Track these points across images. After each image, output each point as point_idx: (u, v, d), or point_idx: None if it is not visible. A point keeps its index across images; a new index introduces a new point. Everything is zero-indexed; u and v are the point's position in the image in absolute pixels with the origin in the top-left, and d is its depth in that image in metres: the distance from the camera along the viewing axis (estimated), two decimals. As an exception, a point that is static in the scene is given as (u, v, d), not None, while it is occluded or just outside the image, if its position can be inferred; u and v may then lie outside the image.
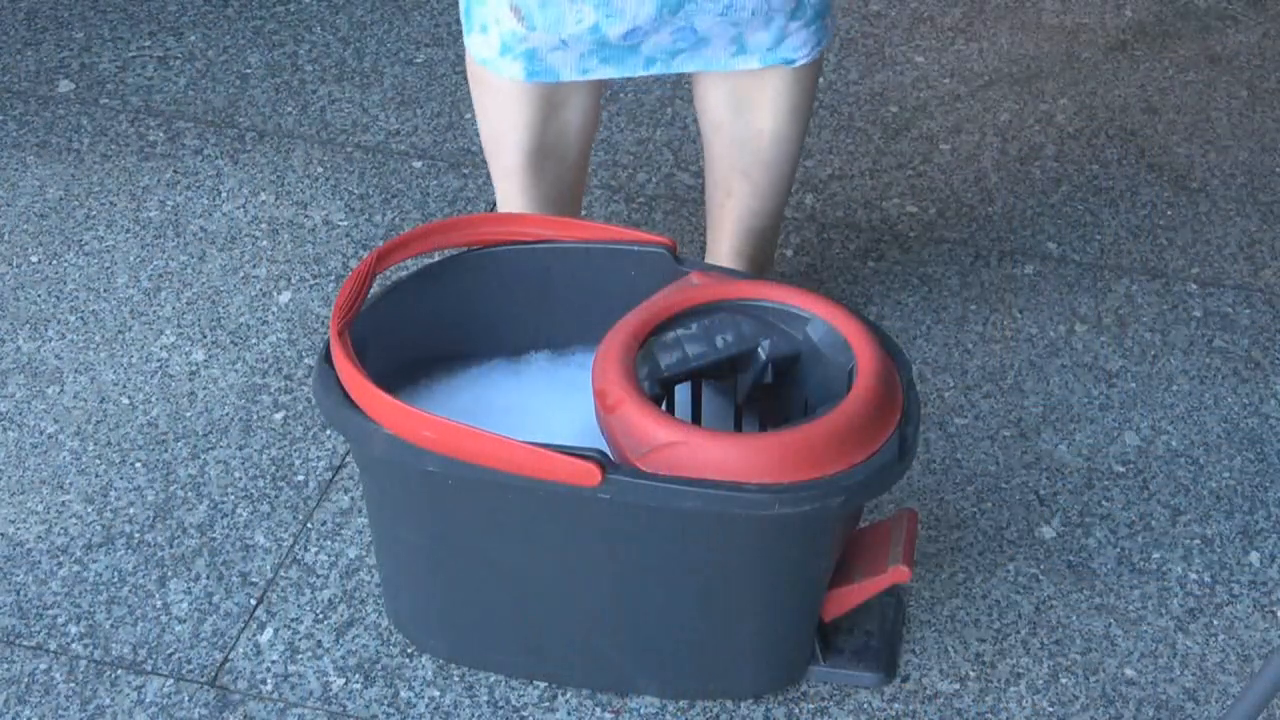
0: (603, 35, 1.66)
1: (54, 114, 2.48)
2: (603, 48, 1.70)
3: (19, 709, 1.61)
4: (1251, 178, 2.36)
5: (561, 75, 1.72)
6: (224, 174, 2.35)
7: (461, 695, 1.62)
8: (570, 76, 1.72)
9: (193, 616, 1.70)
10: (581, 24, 1.64)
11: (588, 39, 1.67)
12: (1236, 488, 1.86)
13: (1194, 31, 2.71)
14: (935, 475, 1.87)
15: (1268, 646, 1.68)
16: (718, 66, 1.74)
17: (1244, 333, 2.08)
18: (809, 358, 1.51)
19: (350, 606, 1.71)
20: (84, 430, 1.93)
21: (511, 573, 1.53)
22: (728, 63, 1.73)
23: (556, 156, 1.84)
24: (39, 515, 1.82)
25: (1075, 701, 1.63)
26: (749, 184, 1.88)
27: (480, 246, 1.62)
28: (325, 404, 1.47)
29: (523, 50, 1.68)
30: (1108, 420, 1.95)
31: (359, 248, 2.20)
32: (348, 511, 1.82)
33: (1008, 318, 2.10)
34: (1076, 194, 2.33)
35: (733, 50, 1.72)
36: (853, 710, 1.61)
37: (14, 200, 2.30)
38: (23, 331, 2.07)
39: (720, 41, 1.71)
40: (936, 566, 1.76)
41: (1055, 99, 2.53)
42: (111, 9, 2.75)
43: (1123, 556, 1.78)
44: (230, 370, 2.01)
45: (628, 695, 1.62)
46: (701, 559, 1.47)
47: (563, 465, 1.38)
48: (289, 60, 2.61)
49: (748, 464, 1.38)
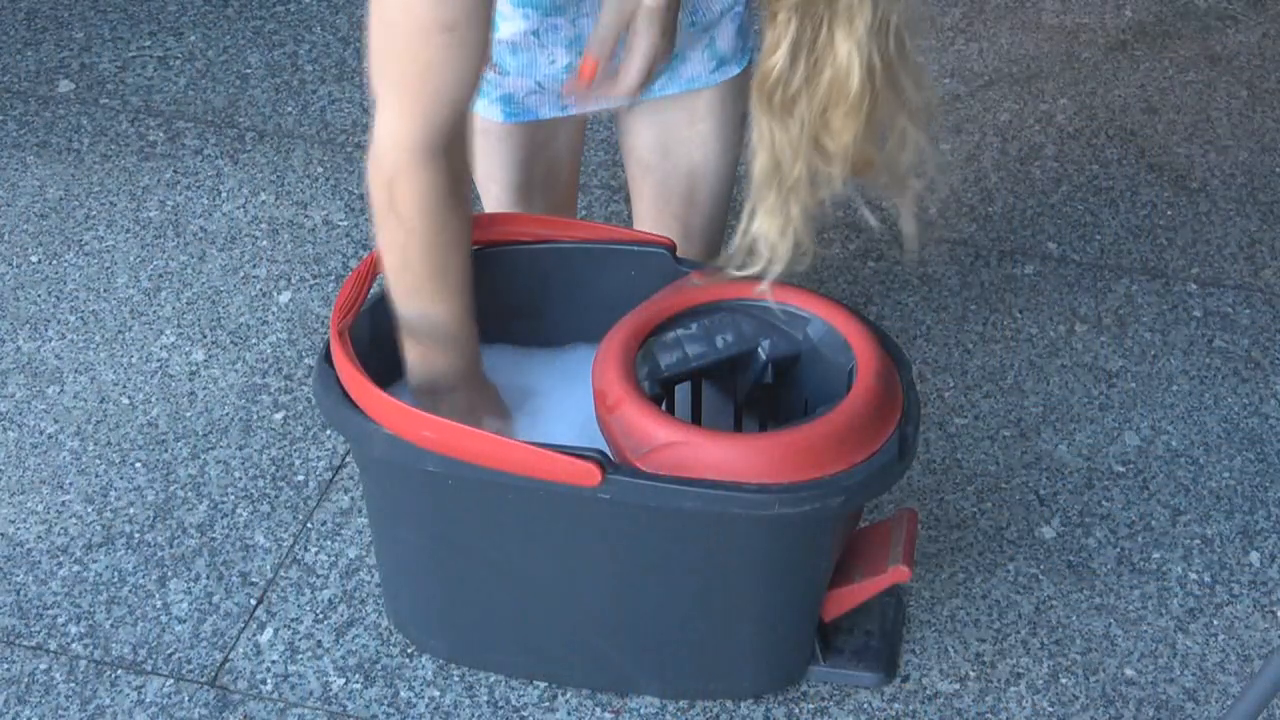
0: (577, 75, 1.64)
1: (54, 114, 2.48)
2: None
3: (19, 709, 1.61)
4: (1251, 178, 2.36)
5: (540, 114, 1.69)
6: (224, 174, 2.35)
7: (461, 695, 1.62)
8: (550, 114, 1.69)
9: (193, 616, 1.70)
10: (555, 64, 1.61)
11: (563, 79, 1.63)
12: (1236, 488, 1.86)
13: (1194, 31, 2.71)
14: (935, 475, 1.87)
15: (1268, 646, 1.68)
16: (701, 84, 1.70)
17: (1244, 333, 2.08)
18: (809, 358, 1.51)
19: (350, 606, 1.71)
20: (84, 430, 1.93)
21: (511, 573, 1.53)
22: (709, 78, 1.69)
23: (545, 186, 1.81)
24: (39, 515, 1.82)
25: (1075, 701, 1.63)
26: (680, 225, 1.79)
27: (480, 246, 1.62)
28: (325, 404, 1.47)
29: (499, 95, 1.65)
30: (1108, 420, 1.95)
31: (359, 248, 2.20)
32: (348, 511, 1.82)
33: (1008, 318, 2.10)
34: (1076, 194, 2.33)
35: (712, 66, 1.69)
36: (853, 710, 1.61)
37: (14, 200, 2.30)
38: (23, 331, 2.07)
39: (697, 56, 1.67)
40: (936, 566, 1.76)
41: (1055, 99, 2.53)
42: (111, 9, 2.75)
43: (1123, 556, 1.78)
44: (230, 370, 2.01)
45: (628, 695, 1.62)
46: (701, 559, 1.47)
47: (563, 465, 1.38)
48: (289, 60, 2.61)
49: (748, 464, 1.38)
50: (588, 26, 1.59)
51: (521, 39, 1.59)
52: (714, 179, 1.77)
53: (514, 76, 1.63)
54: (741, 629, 1.54)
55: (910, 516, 1.55)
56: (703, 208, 1.79)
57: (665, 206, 1.78)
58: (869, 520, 1.68)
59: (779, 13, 1.12)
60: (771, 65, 1.15)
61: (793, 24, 1.12)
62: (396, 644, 1.67)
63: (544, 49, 1.61)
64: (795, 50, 1.14)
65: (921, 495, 1.84)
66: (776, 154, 1.21)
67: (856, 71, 1.14)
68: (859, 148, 1.19)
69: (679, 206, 1.79)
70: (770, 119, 1.19)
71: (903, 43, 1.15)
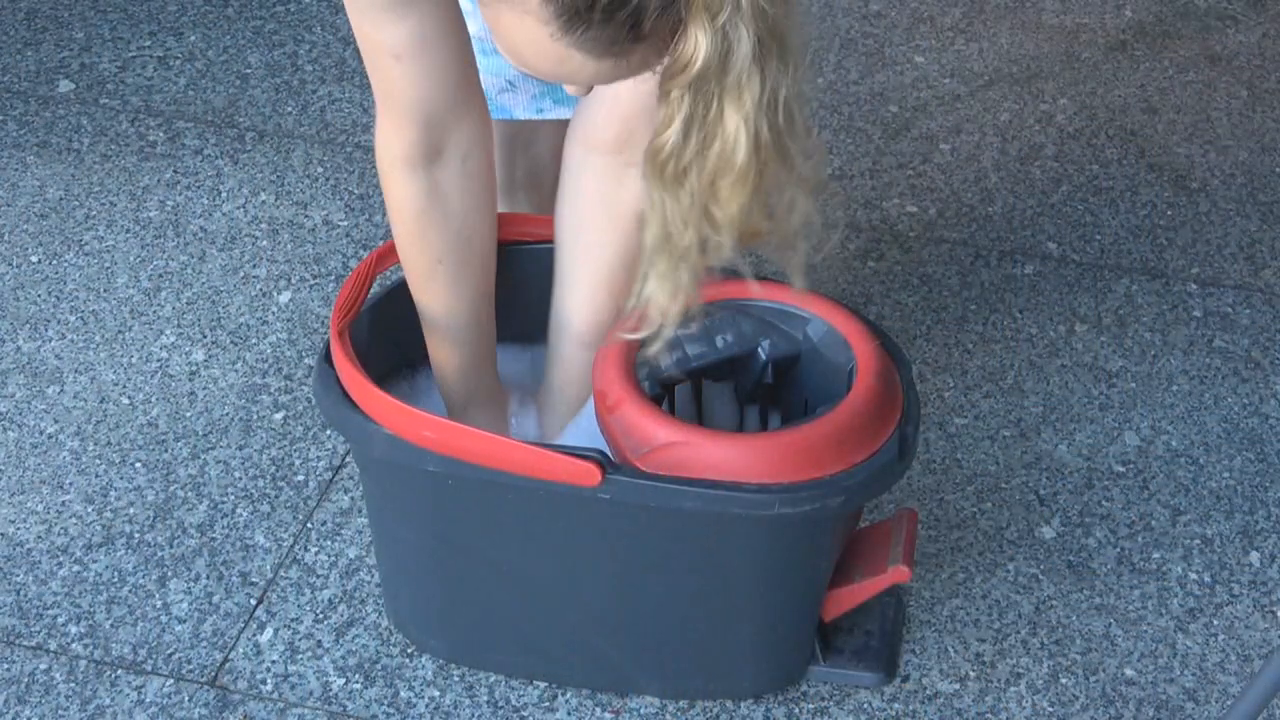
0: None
1: (54, 114, 2.48)
2: (554, 90, 1.66)
3: (19, 709, 1.61)
4: (1251, 178, 2.36)
5: (515, 114, 1.68)
6: (224, 174, 2.35)
7: (461, 695, 1.62)
8: (524, 115, 1.68)
9: (193, 616, 1.70)
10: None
11: (535, 80, 1.64)
12: (1236, 488, 1.86)
13: (1194, 31, 2.71)
14: (935, 475, 1.87)
15: (1268, 646, 1.68)
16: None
17: (1244, 333, 2.08)
18: (809, 358, 1.51)
19: (350, 606, 1.71)
20: (84, 430, 1.93)
21: (511, 573, 1.53)
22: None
23: (528, 187, 1.81)
24: (39, 515, 1.82)
25: (1075, 701, 1.63)
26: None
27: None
28: (325, 404, 1.47)
29: None
30: (1108, 420, 1.95)
31: (359, 248, 2.20)
32: (348, 511, 1.82)
33: (1008, 318, 2.10)
34: (1076, 194, 2.33)
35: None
36: (853, 710, 1.61)
37: (14, 200, 2.30)
38: (23, 331, 2.07)
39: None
40: (936, 566, 1.76)
41: (1055, 99, 2.53)
42: (111, 9, 2.75)
43: (1123, 556, 1.78)
44: (230, 370, 2.01)
45: (628, 695, 1.62)
46: (702, 559, 1.47)
47: (563, 465, 1.38)
48: (289, 60, 2.61)
49: (748, 464, 1.38)
50: None
51: (489, 37, 1.59)
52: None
53: (485, 74, 1.62)
54: (741, 629, 1.54)
55: (910, 516, 1.55)
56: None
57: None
58: (869, 520, 1.68)
59: (671, 90, 1.15)
60: (665, 140, 1.19)
61: (685, 101, 1.15)
62: (396, 644, 1.67)
63: None
64: (688, 126, 1.17)
65: (921, 495, 1.84)
66: (668, 223, 1.24)
67: (744, 144, 1.17)
68: (746, 217, 1.22)
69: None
70: (663, 190, 1.22)
71: (791, 115, 1.18)
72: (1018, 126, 2.47)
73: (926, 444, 1.90)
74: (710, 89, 1.15)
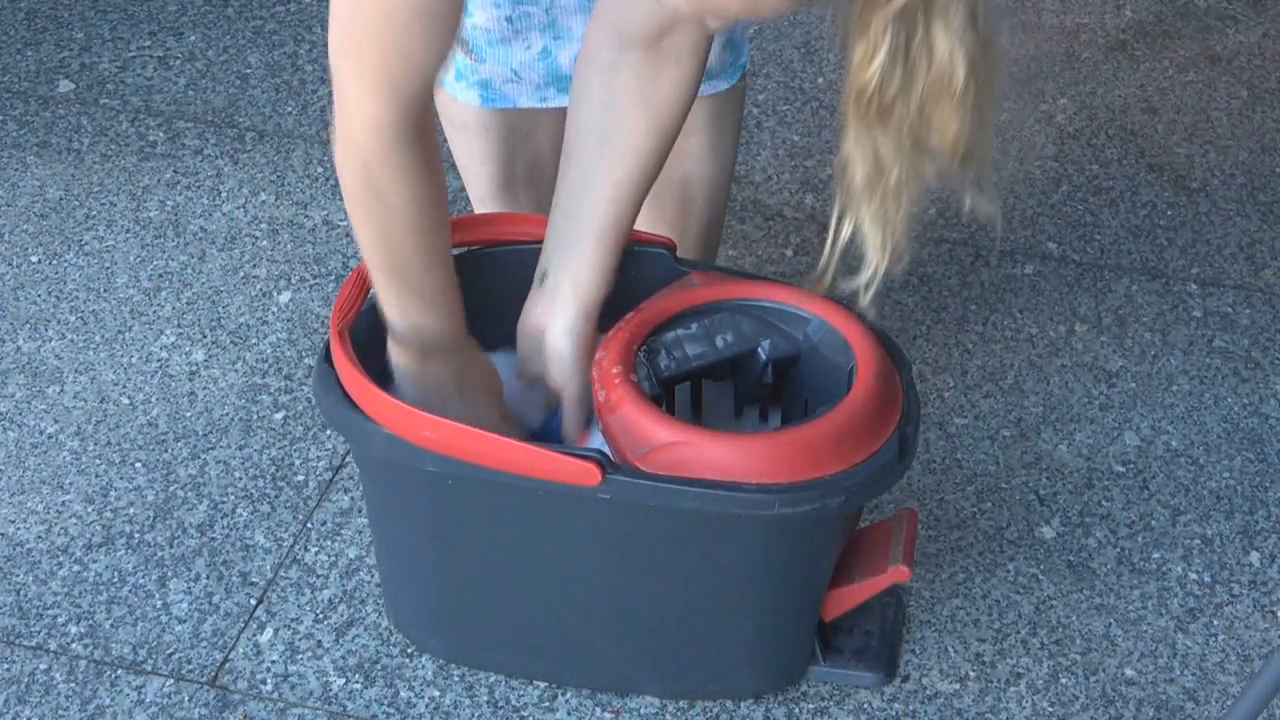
0: (555, 62, 1.62)
1: (54, 114, 2.48)
2: (558, 79, 1.65)
3: (19, 709, 1.61)
4: (1251, 178, 2.36)
5: (519, 103, 1.67)
6: (224, 174, 2.35)
7: (461, 695, 1.62)
8: (528, 104, 1.67)
9: (193, 616, 1.70)
10: (530, 50, 1.60)
11: (540, 67, 1.62)
12: (1236, 488, 1.86)
13: (1194, 31, 2.71)
14: (935, 475, 1.87)
15: (1268, 646, 1.68)
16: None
17: (1244, 333, 2.08)
18: (809, 358, 1.51)
19: (350, 606, 1.71)
20: (84, 430, 1.93)
21: (511, 572, 1.53)
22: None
23: (528, 183, 1.79)
24: (39, 515, 1.82)
25: (1075, 701, 1.63)
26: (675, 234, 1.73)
27: (481, 246, 1.62)
28: (325, 404, 1.47)
29: (476, 80, 1.64)
30: (1108, 420, 1.95)
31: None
32: (348, 511, 1.82)
33: (1008, 318, 2.10)
34: (1076, 194, 2.33)
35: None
36: (853, 710, 1.61)
37: (14, 200, 2.30)
38: (23, 331, 2.07)
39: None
40: (936, 566, 1.76)
41: (1055, 99, 2.53)
42: (111, 9, 2.75)
43: (1123, 556, 1.78)
44: (230, 370, 2.01)
45: (627, 695, 1.62)
46: (701, 559, 1.47)
47: (563, 465, 1.38)
48: (289, 60, 2.61)
49: (748, 464, 1.38)
50: (562, 12, 1.59)
51: (496, 26, 1.58)
52: (709, 188, 1.76)
53: (490, 64, 1.62)
54: (741, 629, 1.54)
55: (910, 516, 1.55)
56: (698, 216, 1.78)
57: (660, 216, 1.76)
58: (869, 520, 1.68)
59: (872, 22, 1.12)
60: (870, 75, 1.14)
61: (889, 31, 1.12)
62: (396, 644, 1.67)
63: (519, 35, 1.60)
64: (893, 55, 1.13)
65: (921, 495, 1.84)
66: (878, 160, 1.21)
67: (961, 63, 1.13)
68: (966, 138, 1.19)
69: (673, 216, 1.77)
70: (867, 128, 1.18)
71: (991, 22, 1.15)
72: (1018, 126, 2.46)
73: (926, 444, 1.90)
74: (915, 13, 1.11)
